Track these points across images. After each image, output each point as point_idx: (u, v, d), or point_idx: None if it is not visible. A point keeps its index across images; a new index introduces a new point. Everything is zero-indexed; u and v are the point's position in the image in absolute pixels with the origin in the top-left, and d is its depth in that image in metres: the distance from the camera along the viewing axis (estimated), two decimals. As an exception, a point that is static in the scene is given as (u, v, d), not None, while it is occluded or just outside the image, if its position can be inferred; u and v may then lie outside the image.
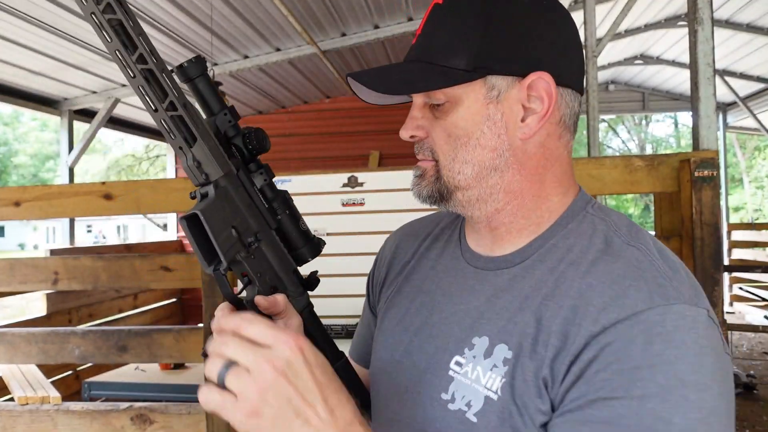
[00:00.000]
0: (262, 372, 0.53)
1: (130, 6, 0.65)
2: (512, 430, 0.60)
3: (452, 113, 0.67)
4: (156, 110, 0.63)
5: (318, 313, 0.77)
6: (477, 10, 0.66)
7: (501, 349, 0.63)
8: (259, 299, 0.67)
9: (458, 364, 0.67)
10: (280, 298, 0.68)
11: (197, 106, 0.71)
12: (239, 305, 0.66)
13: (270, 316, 0.68)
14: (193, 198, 0.67)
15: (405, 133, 0.71)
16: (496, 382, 0.62)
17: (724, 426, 0.55)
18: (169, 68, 0.66)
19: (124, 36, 0.61)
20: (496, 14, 0.65)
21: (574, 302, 0.60)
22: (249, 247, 0.68)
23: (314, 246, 0.75)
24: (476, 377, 0.64)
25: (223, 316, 0.59)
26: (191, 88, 0.70)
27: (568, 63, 0.68)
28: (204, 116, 0.70)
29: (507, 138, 0.67)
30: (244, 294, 0.71)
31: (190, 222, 0.63)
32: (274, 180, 0.75)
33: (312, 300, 0.76)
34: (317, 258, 0.76)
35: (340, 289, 2.33)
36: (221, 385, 0.54)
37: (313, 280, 0.76)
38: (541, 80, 0.65)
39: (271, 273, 0.71)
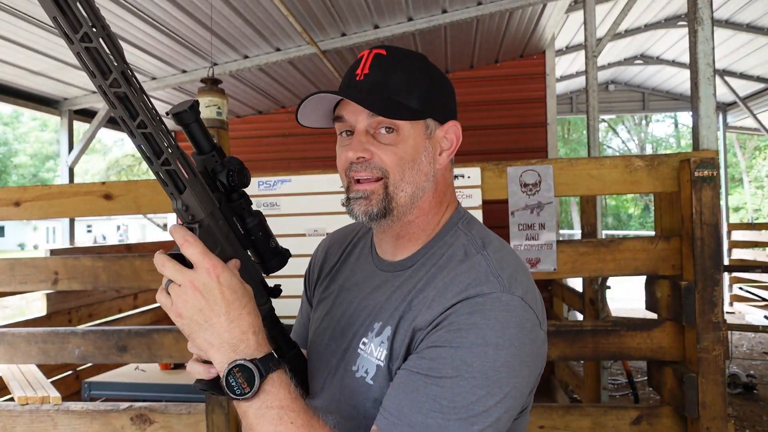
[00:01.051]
0: (186, 288, 0.75)
1: (130, 5, 0.68)
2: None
3: (402, 142, 0.88)
4: (152, 163, 0.74)
5: (282, 292, 0.94)
6: (420, 67, 0.90)
7: (387, 330, 0.87)
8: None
9: (364, 343, 0.90)
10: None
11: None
12: None
13: None
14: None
15: (353, 154, 0.88)
16: (383, 354, 0.86)
17: (512, 375, 0.78)
18: (167, 112, 0.79)
19: (128, 105, 0.71)
20: (432, 75, 0.91)
21: (433, 295, 0.84)
22: None
23: (281, 259, 0.90)
24: (370, 351, 0.88)
25: (177, 230, 0.77)
26: (185, 130, 0.81)
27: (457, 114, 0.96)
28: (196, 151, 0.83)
29: (432, 166, 0.91)
30: None
31: (179, 257, 0.78)
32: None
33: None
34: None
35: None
36: (166, 291, 0.78)
37: (276, 290, 0.92)
38: (455, 127, 0.94)
39: None
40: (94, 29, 0.67)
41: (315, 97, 0.89)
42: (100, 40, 0.68)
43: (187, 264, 0.77)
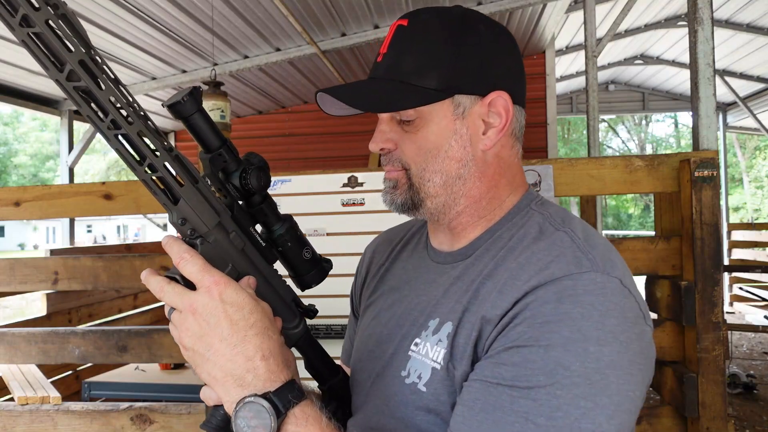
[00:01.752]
0: (186, 314, 0.64)
1: (130, 5, 0.65)
2: (451, 395, 0.69)
3: (423, 129, 0.75)
4: (135, 170, 0.62)
5: (318, 313, 0.80)
6: (444, 36, 0.74)
7: (447, 326, 0.72)
8: None
9: (416, 344, 0.75)
10: None
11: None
12: None
13: None
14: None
15: (375, 146, 0.78)
16: (440, 354, 0.71)
17: (621, 380, 0.61)
18: (162, 104, 0.65)
19: (96, 101, 0.59)
20: (462, 41, 0.74)
21: (505, 279, 0.69)
22: None
23: (320, 271, 0.77)
24: (425, 352, 0.73)
25: (168, 244, 0.66)
26: (186, 125, 0.67)
27: (518, 84, 0.78)
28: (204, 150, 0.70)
29: (471, 149, 0.76)
30: None
31: (175, 281, 0.66)
32: (274, 190, 0.77)
33: (313, 300, 0.79)
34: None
35: (339, 289, 2.33)
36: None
37: (310, 310, 0.78)
38: (500, 98, 0.75)
39: None
40: (38, 9, 0.55)
41: (326, 97, 0.78)
42: (49, 22, 0.56)
43: (190, 286, 0.65)
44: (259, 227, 0.75)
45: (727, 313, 7.77)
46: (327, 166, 6.09)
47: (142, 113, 0.62)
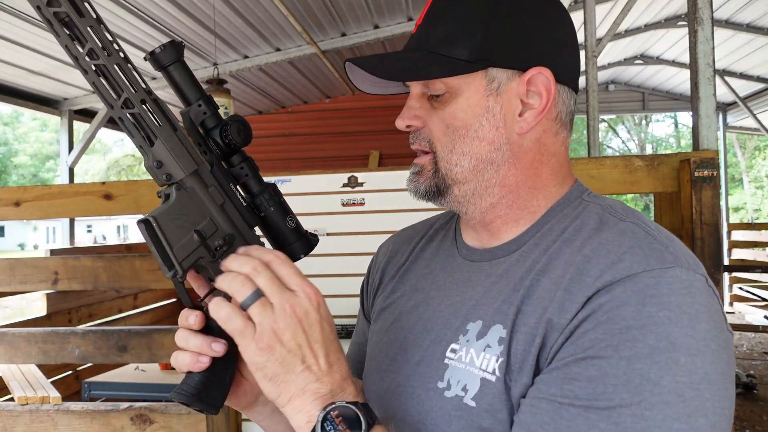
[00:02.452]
0: (285, 314, 0.57)
1: (130, 5, 0.65)
2: (511, 411, 0.59)
3: (451, 104, 0.67)
4: (112, 107, 0.61)
5: None
6: (481, 3, 0.66)
7: (496, 330, 0.62)
8: (217, 312, 0.61)
9: (453, 351, 0.65)
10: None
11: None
12: (200, 311, 0.64)
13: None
14: (159, 198, 0.65)
15: (401, 122, 0.71)
16: (491, 363, 0.61)
17: (716, 396, 0.53)
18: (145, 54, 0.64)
19: (75, 29, 0.58)
20: (500, 9, 0.66)
21: (570, 274, 0.59)
22: (216, 251, 0.64)
23: (306, 242, 0.70)
24: (470, 360, 0.63)
25: (256, 248, 0.62)
26: (165, 76, 0.66)
27: (565, 61, 0.69)
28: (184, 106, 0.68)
29: (505, 131, 0.67)
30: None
31: (148, 226, 0.61)
32: (265, 175, 0.72)
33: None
34: (317, 258, 0.73)
35: (340, 289, 2.33)
36: (242, 308, 0.58)
37: None
38: (541, 75, 0.66)
39: None
40: None
41: (354, 69, 0.72)
42: None
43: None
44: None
45: (727, 313, 7.75)
46: (327, 166, 6.08)
47: (122, 54, 0.61)
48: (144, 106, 0.62)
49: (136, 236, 36.72)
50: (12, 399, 2.51)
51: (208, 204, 0.65)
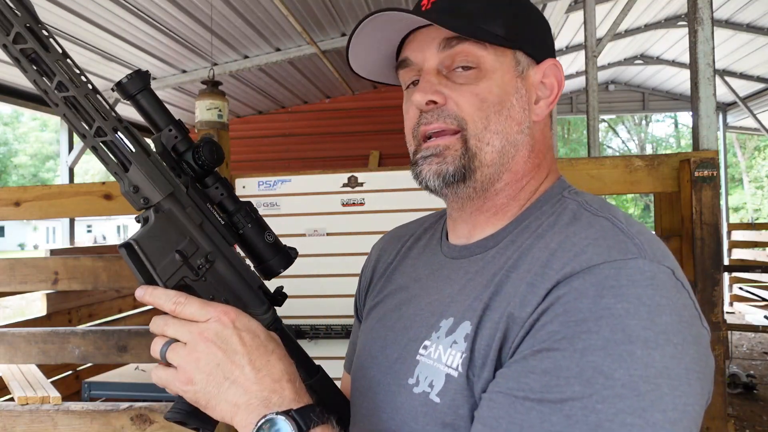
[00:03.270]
0: (195, 344, 0.59)
1: (130, 5, 0.65)
2: (472, 407, 0.59)
3: (485, 79, 0.65)
4: (84, 137, 0.62)
5: (318, 314, 0.75)
6: None
7: (464, 327, 0.62)
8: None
9: (425, 347, 0.65)
10: None
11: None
12: None
13: None
14: (138, 222, 0.66)
15: (422, 97, 0.66)
16: (456, 359, 0.60)
17: (677, 391, 0.50)
18: (112, 85, 0.66)
19: (42, 64, 0.60)
20: (519, 1, 0.68)
21: (535, 269, 0.59)
22: (198, 269, 0.65)
23: (285, 257, 0.71)
24: (438, 356, 0.63)
25: (153, 294, 0.62)
26: (134, 105, 0.67)
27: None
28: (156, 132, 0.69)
29: (528, 115, 0.68)
30: None
31: (129, 250, 0.62)
32: (242, 192, 0.73)
33: (313, 301, 0.75)
34: (317, 258, 0.73)
35: (340, 289, 2.33)
36: (164, 361, 0.61)
37: (278, 296, 0.72)
38: (555, 67, 0.69)
39: (228, 294, 0.68)
40: None
41: (370, 27, 0.67)
42: None
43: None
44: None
45: (727, 313, 7.77)
46: (327, 166, 6.08)
47: (90, 85, 0.62)
48: (116, 134, 0.63)
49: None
50: (12, 399, 2.51)
51: (187, 224, 0.65)
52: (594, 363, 0.50)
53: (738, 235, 8.35)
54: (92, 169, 29.54)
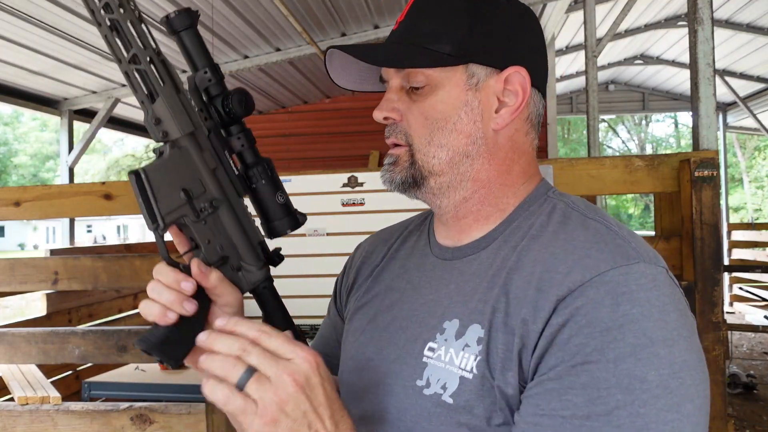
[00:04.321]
0: (284, 384, 0.55)
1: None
2: (490, 407, 0.61)
3: (431, 96, 0.69)
4: (120, 62, 0.63)
5: (319, 314, 0.75)
6: (464, 4, 0.69)
7: (474, 329, 0.64)
8: (193, 265, 0.65)
9: (431, 349, 0.67)
10: (213, 275, 0.66)
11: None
12: (175, 267, 0.66)
13: (201, 288, 0.66)
14: (153, 154, 0.67)
15: (379, 114, 0.72)
16: (470, 362, 0.63)
17: (696, 380, 0.56)
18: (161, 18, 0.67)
19: None
20: (482, 11, 0.69)
21: (539, 272, 0.62)
22: (200, 212, 0.66)
23: (292, 220, 0.71)
24: (449, 359, 0.65)
25: (238, 323, 0.59)
26: (177, 41, 0.68)
27: (539, 66, 0.73)
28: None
29: (481, 126, 0.70)
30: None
31: (138, 178, 0.63)
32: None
33: (313, 300, 0.75)
34: (317, 258, 0.74)
35: (340, 289, 2.34)
36: (237, 387, 0.56)
37: (275, 256, 0.72)
38: (518, 74, 0.70)
39: (225, 241, 0.68)
40: None
41: (335, 58, 0.73)
42: None
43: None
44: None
45: (727, 313, 7.77)
46: (327, 166, 6.08)
47: (137, 13, 0.64)
48: (151, 65, 0.64)
49: (136, 236, 36.73)
50: (12, 399, 2.51)
51: (200, 166, 0.66)
52: (628, 370, 0.54)
53: (738, 235, 8.35)
54: (92, 169, 29.55)
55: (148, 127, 0.65)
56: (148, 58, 0.64)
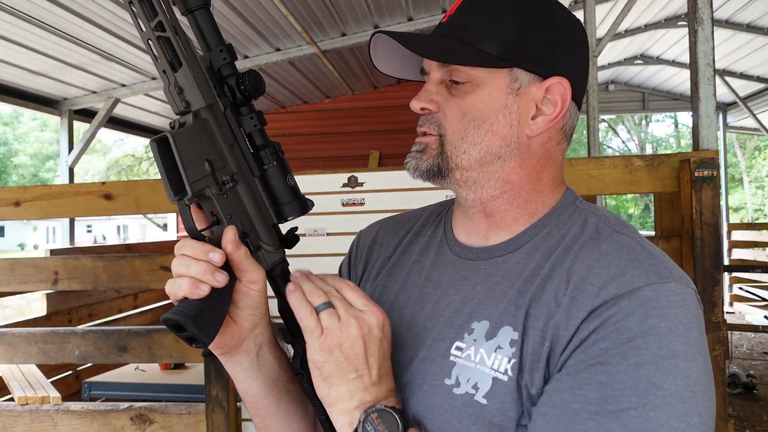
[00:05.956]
0: (350, 325, 0.63)
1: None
2: (525, 409, 0.63)
3: (472, 94, 0.70)
4: (143, 30, 0.63)
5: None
6: (516, 6, 0.70)
7: (506, 332, 0.66)
8: (229, 232, 0.64)
9: (459, 349, 0.68)
10: (243, 248, 0.65)
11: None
12: (201, 240, 0.64)
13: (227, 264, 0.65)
14: (172, 127, 0.65)
15: (417, 104, 0.72)
16: (503, 363, 0.64)
17: (706, 396, 0.59)
18: None
19: None
20: (535, 16, 0.70)
21: (574, 282, 0.64)
22: (223, 185, 0.65)
23: (300, 204, 0.71)
24: (480, 359, 0.66)
25: (330, 277, 0.67)
26: (191, 20, 0.68)
27: (581, 80, 0.74)
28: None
29: (517, 130, 0.71)
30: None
31: (161, 146, 0.61)
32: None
33: None
34: (317, 258, 0.73)
35: (340, 289, 2.33)
36: (315, 310, 0.64)
37: (291, 237, 0.72)
38: (560, 85, 0.70)
39: (245, 219, 0.67)
40: None
41: (380, 43, 0.73)
42: None
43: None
44: None
45: (727, 313, 7.77)
46: (327, 166, 6.09)
47: None
48: (175, 31, 0.64)
49: (136, 236, 36.73)
50: (12, 399, 2.51)
51: (220, 139, 0.66)
52: (646, 376, 0.57)
53: (738, 235, 8.35)
54: (92, 169, 29.55)
55: (169, 97, 0.64)
56: (173, 26, 0.63)
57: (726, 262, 7.84)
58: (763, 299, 6.12)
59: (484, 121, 0.70)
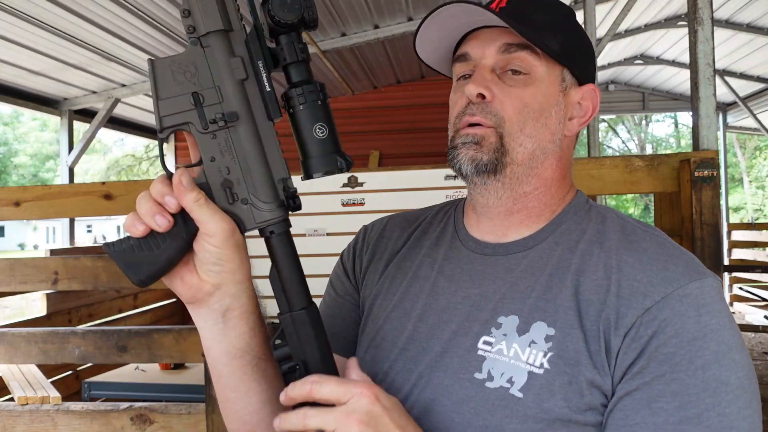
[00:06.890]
0: (349, 428, 0.56)
1: (130, 5, 0.64)
2: (565, 402, 0.63)
3: (531, 86, 0.70)
4: None
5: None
6: (566, 12, 0.74)
7: (539, 327, 0.66)
8: (175, 177, 0.58)
9: (487, 343, 0.68)
10: (192, 194, 0.59)
11: None
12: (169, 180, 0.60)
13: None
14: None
15: (474, 89, 0.69)
16: (539, 358, 0.64)
17: (754, 380, 0.63)
18: None
19: None
20: (575, 26, 0.75)
21: (616, 278, 0.65)
22: (210, 123, 0.58)
23: (329, 160, 0.61)
24: (514, 354, 0.66)
25: (293, 387, 0.59)
26: None
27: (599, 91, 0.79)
28: None
29: (562, 128, 0.73)
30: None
31: (151, 66, 0.57)
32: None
33: (314, 300, 0.67)
34: (317, 258, 0.69)
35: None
36: None
37: (290, 198, 0.62)
38: (594, 92, 0.75)
39: (235, 166, 0.60)
40: None
41: (446, 14, 0.70)
42: None
43: None
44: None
45: (727, 313, 7.74)
46: (327, 166, 6.07)
47: None
48: None
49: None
50: (12, 399, 2.51)
51: (224, 72, 0.58)
52: (714, 375, 0.59)
53: (738, 235, 8.34)
54: (92, 169, 29.55)
55: (186, 24, 0.58)
56: None
57: (726, 262, 7.83)
58: (763, 299, 6.12)
59: (542, 114, 0.70)
